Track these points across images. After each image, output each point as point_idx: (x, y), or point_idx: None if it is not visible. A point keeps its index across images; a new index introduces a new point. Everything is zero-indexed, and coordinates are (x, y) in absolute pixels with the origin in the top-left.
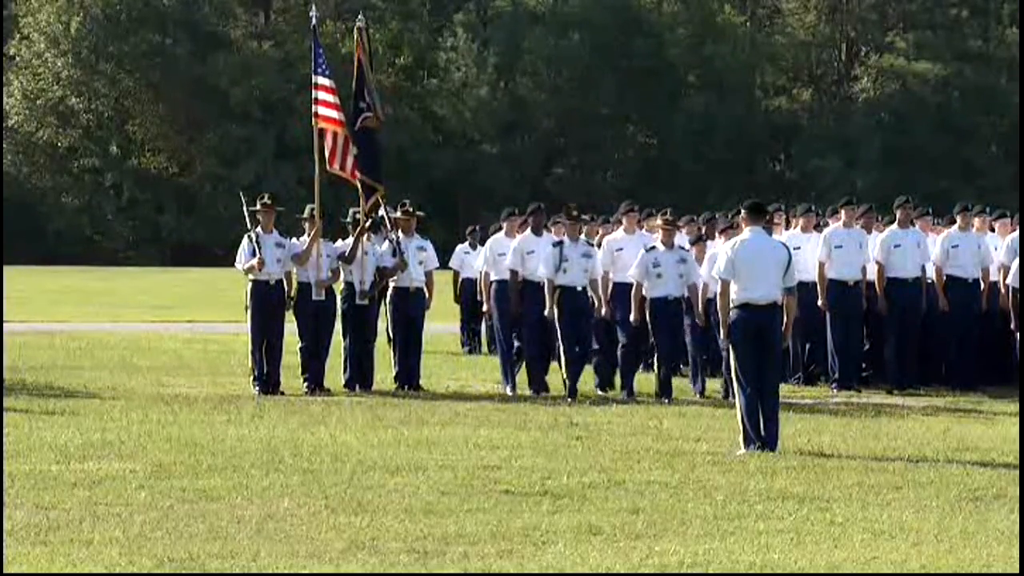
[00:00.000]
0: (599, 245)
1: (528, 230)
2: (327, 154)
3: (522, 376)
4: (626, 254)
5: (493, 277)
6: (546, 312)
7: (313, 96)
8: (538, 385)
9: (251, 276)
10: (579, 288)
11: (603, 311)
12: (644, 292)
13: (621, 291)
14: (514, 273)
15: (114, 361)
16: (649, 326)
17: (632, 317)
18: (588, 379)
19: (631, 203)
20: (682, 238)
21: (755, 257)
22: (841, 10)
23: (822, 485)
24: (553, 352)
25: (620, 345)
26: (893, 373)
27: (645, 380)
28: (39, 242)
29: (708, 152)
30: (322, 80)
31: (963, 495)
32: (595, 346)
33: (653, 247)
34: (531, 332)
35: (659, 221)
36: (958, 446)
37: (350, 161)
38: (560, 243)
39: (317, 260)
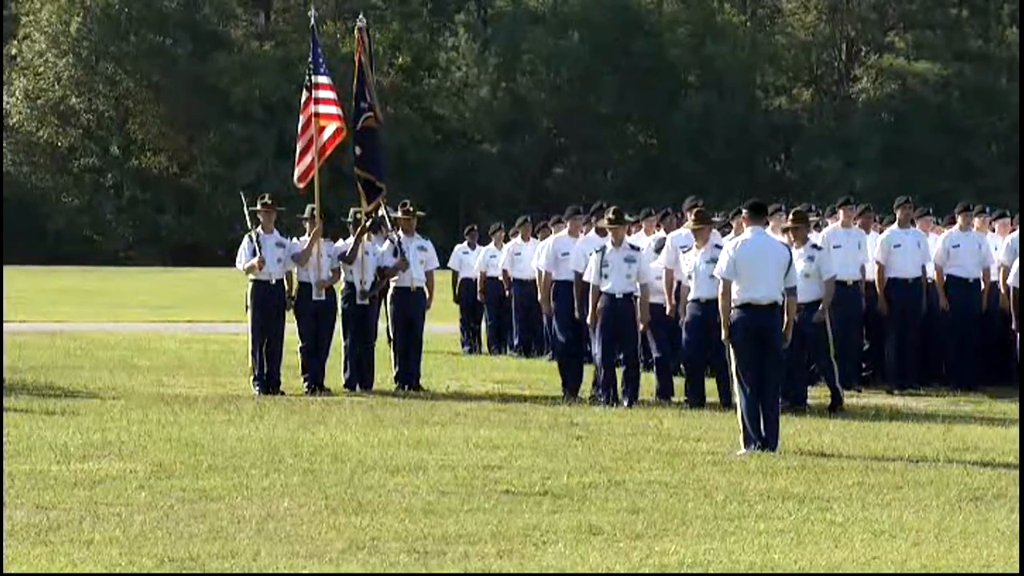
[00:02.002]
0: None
1: (592, 231)
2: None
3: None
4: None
5: (555, 277)
6: (588, 319)
7: (314, 96)
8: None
9: (251, 276)
10: (619, 295)
11: (667, 311)
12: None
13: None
14: (578, 275)
15: (114, 361)
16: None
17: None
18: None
19: (695, 199)
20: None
21: (756, 257)
22: (841, 10)
23: (822, 485)
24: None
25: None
26: (893, 373)
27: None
28: (39, 242)
29: (708, 152)
30: (322, 80)
31: (963, 495)
32: (657, 354)
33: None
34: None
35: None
36: (958, 446)
37: (309, 159)
38: (604, 248)
39: (318, 260)
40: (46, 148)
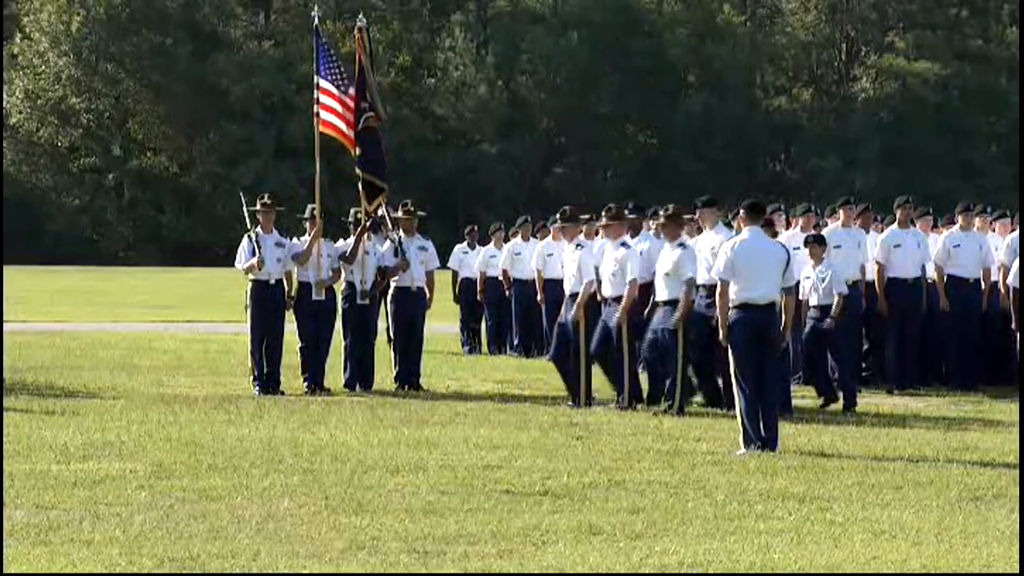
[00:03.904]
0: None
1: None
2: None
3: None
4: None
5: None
6: (570, 316)
7: (315, 97)
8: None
9: (251, 276)
10: (568, 294)
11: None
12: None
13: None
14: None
15: (114, 361)
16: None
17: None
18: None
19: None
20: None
21: (754, 257)
22: (841, 10)
23: (822, 485)
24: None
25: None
26: (893, 373)
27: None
28: (39, 242)
29: (708, 152)
30: (324, 84)
31: (963, 495)
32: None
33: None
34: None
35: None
36: (958, 446)
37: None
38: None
39: (317, 260)
40: (46, 148)
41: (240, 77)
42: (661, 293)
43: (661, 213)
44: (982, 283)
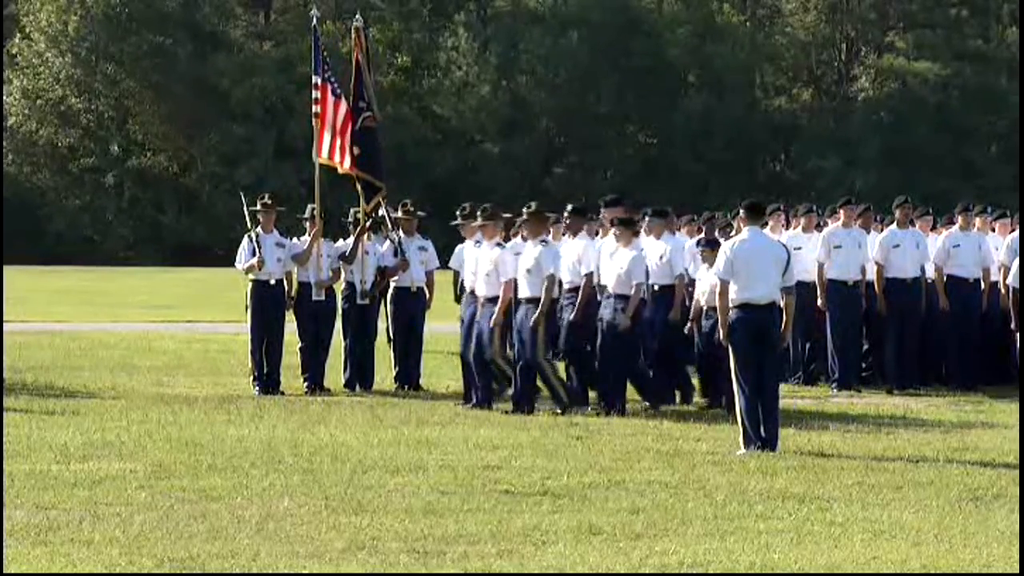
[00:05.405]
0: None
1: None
2: (315, 145)
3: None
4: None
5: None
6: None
7: (313, 96)
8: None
9: (251, 276)
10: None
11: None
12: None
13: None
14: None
15: (114, 361)
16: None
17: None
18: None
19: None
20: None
21: (754, 257)
22: (841, 10)
23: (822, 485)
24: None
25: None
26: (893, 373)
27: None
28: (39, 242)
29: (708, 152)
30: (321, 84)
31: (963, 495)
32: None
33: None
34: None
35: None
36: (958, 446)
37: (340, 156)
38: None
39: (317, 260)
40: (46, 148)
41: (240, 77)
42: (523, 291)
43: (524, 211)
44: (982, 283)
